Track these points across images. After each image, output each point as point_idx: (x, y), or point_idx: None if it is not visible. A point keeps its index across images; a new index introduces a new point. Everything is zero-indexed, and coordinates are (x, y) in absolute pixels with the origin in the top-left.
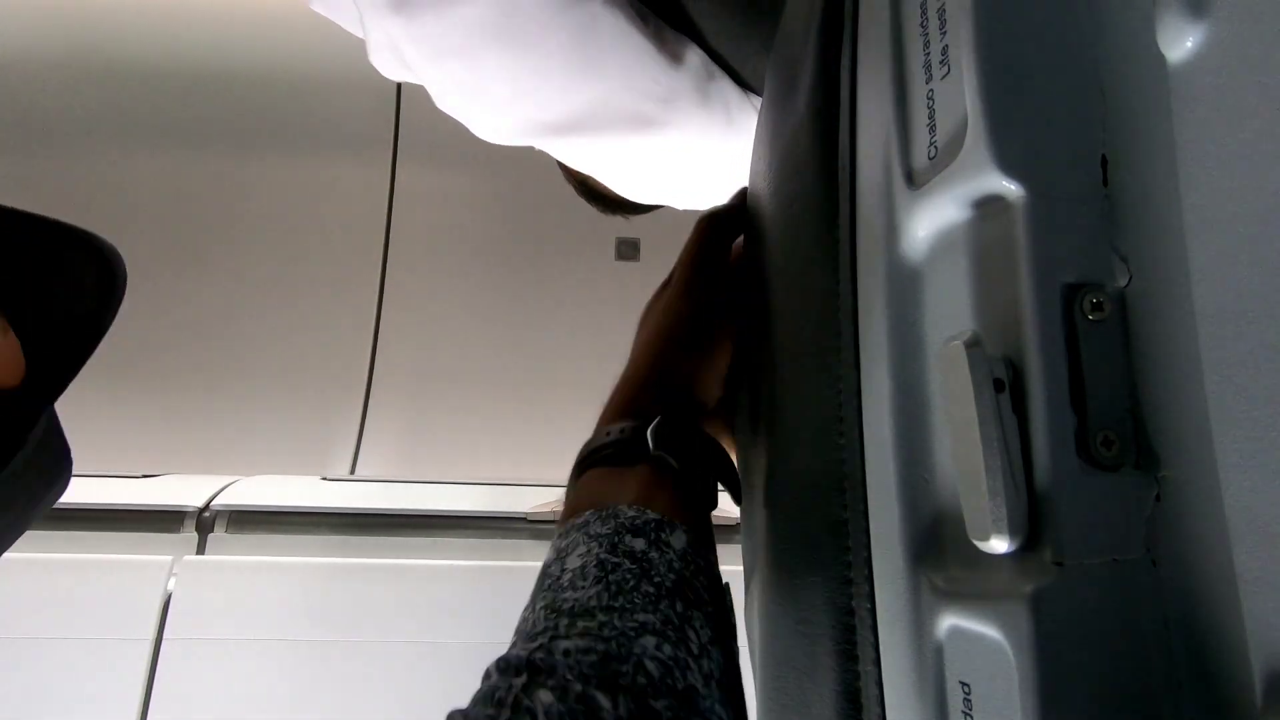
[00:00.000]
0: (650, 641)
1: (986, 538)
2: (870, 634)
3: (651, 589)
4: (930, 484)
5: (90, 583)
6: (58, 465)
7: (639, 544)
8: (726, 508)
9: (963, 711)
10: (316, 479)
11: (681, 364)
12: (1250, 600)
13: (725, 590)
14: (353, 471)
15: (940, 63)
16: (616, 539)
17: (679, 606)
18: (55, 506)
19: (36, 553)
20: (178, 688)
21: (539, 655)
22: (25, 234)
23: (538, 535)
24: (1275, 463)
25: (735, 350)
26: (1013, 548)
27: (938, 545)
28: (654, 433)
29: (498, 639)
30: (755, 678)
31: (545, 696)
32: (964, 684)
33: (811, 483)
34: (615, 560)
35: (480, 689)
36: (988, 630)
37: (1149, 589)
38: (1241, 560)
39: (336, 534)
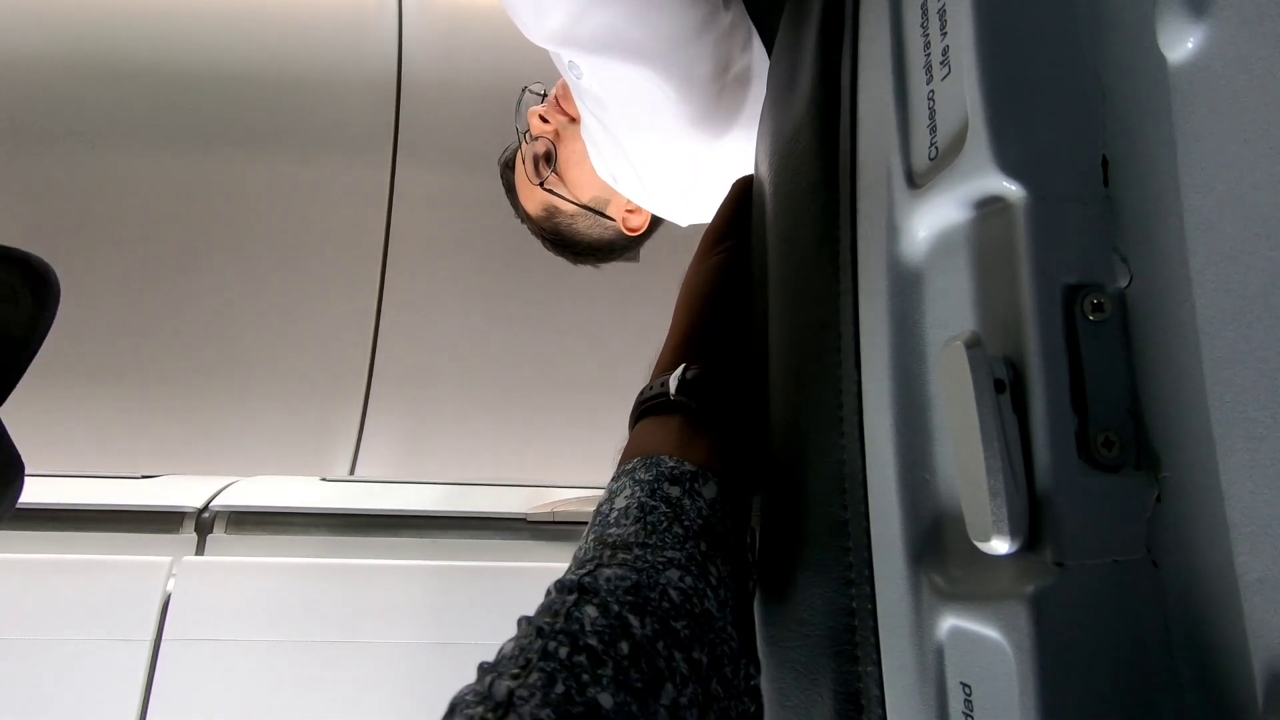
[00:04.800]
0: (675, 574)
1: (987, 538)
2: (871, 635)
3: (680, 530)
4: (931, 484)
5: (90, 583)
6: (4, 473)
7: (675, 491)
8: None
9: (963, 713)
10: (316, 479)
11: (711, 319)
12: (1250, 600)
13: (749, 533)
14: (352, 472)
15: (941, 63)
16: (656, 485)
17: (703, 546)
18: (55, 507)
19: (36, 553)
20: (177, 688)
21: (587, 579)
22: None
23: (538, 535)
24: (1275, 463)
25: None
26: (1013, 549)
27: (938, 546)
28: (678, 380)
29: (497, 639)
30: None
31: (591, 611)
32: (964, 685)
33: (812, 482)
34: (653, 504)
35: (542, 603)
36: (988, 631)
37: (1149, 590)
38: (1241, 561)
39: (336, 534)
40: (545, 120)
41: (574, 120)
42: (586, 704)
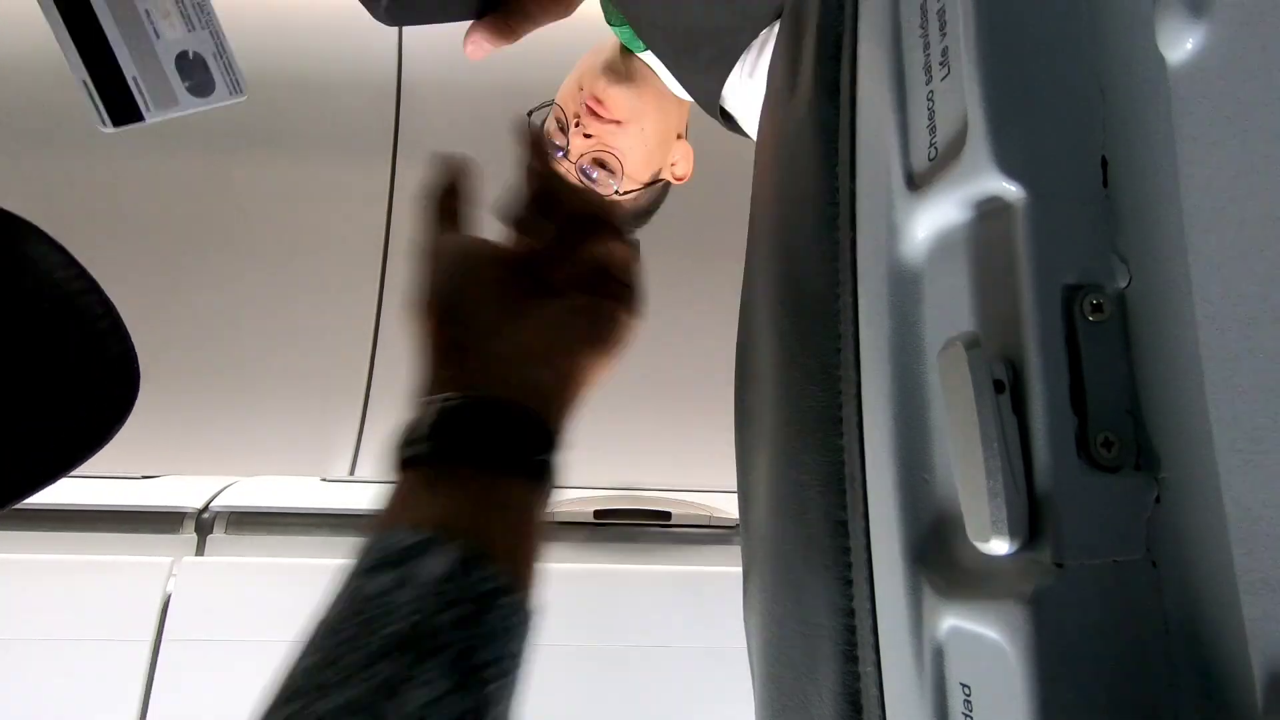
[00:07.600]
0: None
1: (987, 539)
2: (870, 635)
3: (376, 647)
4: (930, 484)
5: (90, 583)
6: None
7: (387, 581)
8: (725, 508)
9: (963, 713)
10: (316, 480)
11: (449, 335)
12: (1250, 600)
13: (503, 607)
14: (352, 472)
15: (940, 64)
16: (365, 579)
17: (406, 661)
18: (56, 507)
19: (37, 553)
20: (177, 689)
21: None
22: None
23: None
24: (1275, 463)
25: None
26: (1013, 549)
27: (938, 546)
28: (405, 431)
29: None
30: (754, 678)
31: None
32: (964, 685)
33: (811, 482)
34: (351, 613)
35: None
36: (988, 631)
37: (1149, 590)
38: (1241, 560)
39: (336, 535)
40: (589, 135)
41: (619, 124)
42: None
